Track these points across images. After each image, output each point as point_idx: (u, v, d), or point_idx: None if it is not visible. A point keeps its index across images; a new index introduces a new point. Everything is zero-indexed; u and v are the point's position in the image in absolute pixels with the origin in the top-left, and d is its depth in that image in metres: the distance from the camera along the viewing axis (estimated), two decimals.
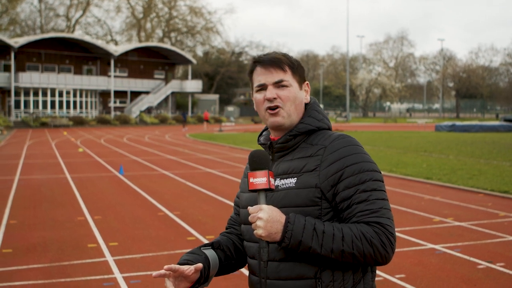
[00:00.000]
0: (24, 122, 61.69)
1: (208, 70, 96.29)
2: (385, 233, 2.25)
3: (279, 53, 2.48)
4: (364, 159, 2.33)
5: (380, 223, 2.25)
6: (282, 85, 2.42)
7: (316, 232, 2.22)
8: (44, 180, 16.22)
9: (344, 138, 2.37)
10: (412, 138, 37.22)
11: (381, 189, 2.32)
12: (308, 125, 2.43)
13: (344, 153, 2.32)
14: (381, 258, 2.26)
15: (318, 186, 2.29)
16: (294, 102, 2.43)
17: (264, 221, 2.22)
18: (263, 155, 2.32)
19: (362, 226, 2.24)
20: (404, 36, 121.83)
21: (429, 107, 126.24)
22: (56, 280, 6.86)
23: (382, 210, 2.28)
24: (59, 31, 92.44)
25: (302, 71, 2.51)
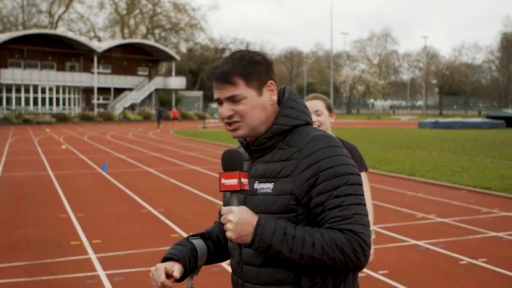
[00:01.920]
0: (6, 119, 61.22)
1: (192, 67, 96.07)
2: (357, 240, 2.16)
3: (230, 62, 2.33)
4: (340, 162, 2.23)
5: (353, 231, 2.17)
6: (235, 100, 2.30)
7: (287, 237, 2.17)
8: (26, 177, 16.12)
9: (320, 139, 2.27)
10: (395, 135, 37.40)
11: (356, 193, 2.22)
12: (283, 125, 2.34)
13: (319, 157, 2.22)
14: (352, 265, 2.18)
15: (293, 192, 2.23)
16: (254, 111, 2.31)
17: (234, 224, 2.19)
18: (235, 155, 2.28)
19: (335, 233, 2.17)
20: (388, 33, 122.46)
21: (412, 104, 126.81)
22: (39, 278, 6.83)
23: (356, 216, 2.19)
24: (42, 27, 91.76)
25: (260, 73, 2.34)
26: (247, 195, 2.37)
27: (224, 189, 2.24)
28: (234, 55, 2.36)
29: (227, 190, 2.24)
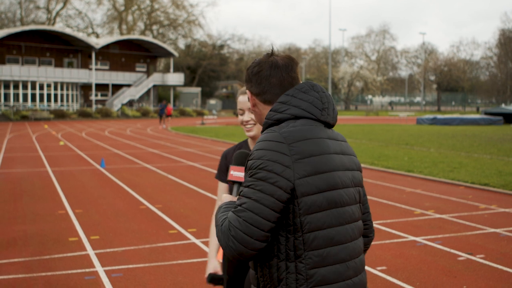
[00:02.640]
0: (4, 115, 61.15)
1: (190, 63, 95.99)
2: (226, 230, 2.28)
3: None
4: (260, 156, 2.32)
5: (228, 219, 2.30)
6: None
7: (216, 219, 2.42)
8: (24, 174, 16.11)
9: (264, 133, 2.42)
10: (393, 131, 37.41)
11: (254, 188, 2.29)
12: (268, 119, 2.51)
13: (253, 149, 2.38)
14: (226, 252, 2.31)
15: None
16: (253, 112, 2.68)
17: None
18: (245, 154, 2.71)
19: (226, 219, 2.34)
20: (386, 30, 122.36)
21: (410, 100, 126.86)
22: (37, 274, 6.82)
23: (238, 208, 2.29)
24: (40, 23, 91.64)
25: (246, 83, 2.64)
26: None
27: (231, 179, 2.67)
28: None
29: (234, 180, 2.66)
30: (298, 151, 2.33)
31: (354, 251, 2.43)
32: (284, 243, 2.32)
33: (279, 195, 2.26)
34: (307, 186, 2.30)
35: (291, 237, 2.31)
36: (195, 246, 8.12)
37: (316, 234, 2.31)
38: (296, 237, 2.31)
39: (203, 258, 7.48)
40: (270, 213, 2.26)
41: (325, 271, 2.32)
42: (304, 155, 2.33)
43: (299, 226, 2.30)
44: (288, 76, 2.53)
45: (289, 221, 2.31)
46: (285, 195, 2.27)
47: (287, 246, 2.31)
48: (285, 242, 2.32)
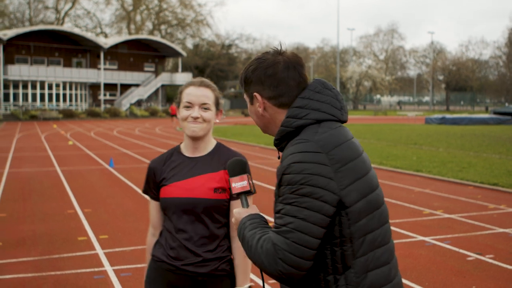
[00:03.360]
0: (14, 115, 61.37)
1: (198, 63, 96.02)
2: (272, 253, 2.12)
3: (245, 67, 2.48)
4: (299, 171, 2.15)
5: (272, 241, 2.13)
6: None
7: (242, 237, 2.29)
8: (33, 173, 16.16)
9: (296, 143, 2.24)
10: (402, 130, 37.33)
11: (299, 205, 2.13)
12: (285, 128, 2.32)
13: (287, 162, 2.19)
14: (273, 276, 2.16)
15: (275, 197, 2.28)
16: (253, 116, 2.49)
17: (234, 224, 2.44)
18: (239, 161, 2.55)
19: (266, 240, 2.17)
20: (394, 29, 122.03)
21: (419, 100, 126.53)
22: (46, 273, 6.85)
23: (283, 228, 2.13)
24: (48, 23, 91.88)
25: (250, 83, 2.41)
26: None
27: (236, 192, 2.47)
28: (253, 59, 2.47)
29: (240, 192, 2.46)
30: (338, 159, 2.19)
31: (392, 251, 2.36)
32: (330, 257, 2.20)
33: (326, 210, 2.14)
34: (352, 194, 2.19)
35: (338, 250, 2.20)
36: None
37: (363, 240, 2.22)
38: (344, 248, 2.20)
39: None
40: (318, 231, 2.13)
41: (373, 275, 2.24)
42: (343, 162, 2.20)
43: (348, 237, 2.19)
44: (303, 76, 2.38)
45: (335, 234, 2.19)
46: (332, 209, 2.15)
47: (334, 259, 2.20)
48: (330, 255, 2.20)
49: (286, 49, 2.41)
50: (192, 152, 3.25)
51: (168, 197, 3.14)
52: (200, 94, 3.20)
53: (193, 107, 3.16)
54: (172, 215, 3.14)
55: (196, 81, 3.27)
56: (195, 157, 3.23)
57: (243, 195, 2.46)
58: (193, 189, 3.11)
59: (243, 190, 2.45)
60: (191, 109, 3.16)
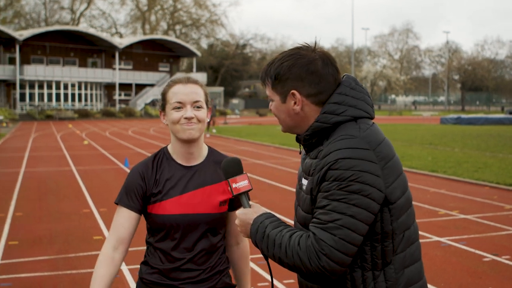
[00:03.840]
0: (29, 114, 61.78)
1: (212, 63, 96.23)
2: (315, 247, 2.09)
3: (271, 61, 2.36)
4: (348, 167, 2.11)
5: (316, 237, 2.11)
6: (270, 99, 2.40)
7: (264, 235, 2.24)
8: (49, 173, 16.26)
9: (342, 139, 2.19)
10: (417, 131, 37.19)
11: (348, 202, 2.09)
12: (322, 123, 2.25)
13: (333, 157, 2.14)
14: (311, 273, 2.14)
15: (312, 193, 2.23)
16: (280, 115, 2.36)
17: (239, 226, 2.39)
18: (235, 161, 2.53)
19: (303, 237, 2.14)
20: (409, 29, 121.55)
21: (434, 99, 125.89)
22: (62, 272, 6.89)
23: (330, 224, 2.09)
24: (64, 23, 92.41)
25: (286, 80, 2.30)
26: (299, 189, 2.41)
27: (237, 193, 2.43)
28: (281, 54, 2.36)
29: (241, 192, 2.42)
30: (382, 156, 2.18)
31: (421, 248, 2.37)
32: (370, 253, 2.20)
33: (373, 207, 2.12)
34: (395, 192, 2.19)
35: (378, 246, 2.19)
36: None
37: (402, 236, 2.23)
38: (385, 244, 2.20)
39: None
40: (364, 228, 2.12)
41: (409, 272, 2.26)
42: (386, 159, 2.19)
43: (389, 233, 2.19)
44: (338, 72, 2.34)
45: (376, 230, 2.18)
46: (377, 206, 2.14)
47: (374, 255, 2.20)
48: (370, 251, 2.20)
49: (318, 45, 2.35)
50: (187, 159, 2.85)
51: (167, 214, 2.74)
52: (190, 92, 2.81)
53: (185, 106, 2.77)
54: (173, 234, 2.76)
55: (182, 78, 2.90)
56: (192, 166, 2.84)
57: (244, 194, 2.43)
58: (196, 205, 2.76)
59: (246, 189, 2.42)
60: (183, 109, 2.77)
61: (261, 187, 13.39)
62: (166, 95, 2.83)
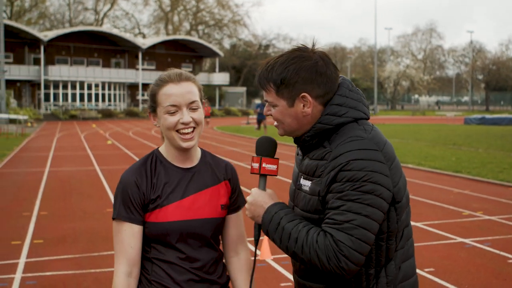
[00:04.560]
0: (54, 114, 62.33)
1: (235, 63, 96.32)
2: (333, 248, 2.11)
3: (271, 66, 2.31)
4: (361, 167, 2.14)
5: (333, 237, 2.12)
6: (270, 104, 2.37)
7: (279, 227, 2.25)
8: (73, 172, 16.39)
9: (352, 140, 2.21)
10: (440, 131, 36.93)
11: (362, 202, 2.12)
12: (325, 125, 2.27)
13: (344, 159, 2.17)
14: (327, 271, 2.15)
15: (320, 194, 2.24)
16: (285, 119, 2.34)
17: (249, 204, 2.39)
18: (274, 143, 2.46)
19: (320, 235, 2.15)
20: (433, 28, 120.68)
21: (458, 100, 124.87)
22: (86, 271, 6.94)
23: (345, 224, 2.11)
24: (88, 24, 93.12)
25: (294, 84, 2.26)
26: (296, 189, 2.43)
27: (264, 173, 2.43)
28: (280, 58, 2.32)
29: (266, 174, 2.43)
30: (388, 156, 2.22)
31: (414, 244, 2.44)
32: (375, 251, 2.24)
33: (384, 207, 2.17)
34: (400, 191, 2.25)
35: (384, 244, 2.24)
36: None
37: (402, 233, 2.30)
38: (389, 243, 2.25)
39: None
40: (377, 227, 2.17)
41: (405, 266, 2.32)
42: (391, 159, 2.24)
43: (394, 231, 2.25)
44: (338, 70, 2.35)
45: (383, 229, 2.22)
46: (387, 206, 2.19)
47: (378, 253, 2.25)
48: (375, 250, 2.24)
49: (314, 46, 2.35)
50: (183, 161, 2.58)
51: (169, 221, 2.46)
52: (185, 92, 2.49)
53: (180, 109, 2.47)
54: (176, 243, 2.47)
55: (172, 75, 2.53)
56: (189, 168, 2.59)
57: (265, 177, 2.44)
58: (198, 209, 2.52)
59: (272, 173, 2.42)
60: (178, 113, 2.47)
61: (283, 187, 13.38)
62: (156, 97, 2.53)
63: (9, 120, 44.60)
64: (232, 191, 2.74)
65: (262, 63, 2.37)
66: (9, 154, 21.75)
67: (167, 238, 2.46)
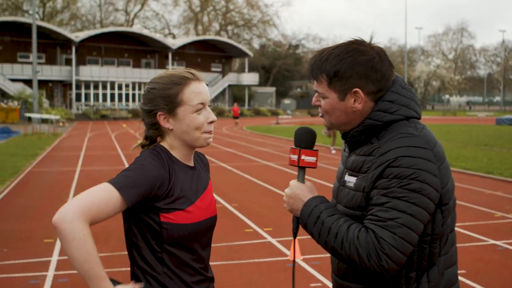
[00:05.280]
0: (85, 114, 62.99)
1: (264, 63, 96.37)
2: (375, 245, 2.07)
3: (325, 56, 2.26)
4: (410, 165, 2.09)
5: (376, 234, 2.08)
6: (320, 95, 2.32)
7: (318, 220, 2.21)
8: (104, 172, 16.53)
9: (401, 137, 2.16)
10: (472, 131, 36.54)
11: (408, 200, 2.07)
12: (375, 121, 2.23)
13: (392, 155, 2.12)
14: (367, 268, 2.11)
15: (365, 190, 2.20)
16: (334, 112, 2.29)
17: (287, 197, 2.35)
18: (314, 134, 2.41)
19: (361, 231, 2.11)
20: (464, 28, 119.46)
21: (489, 100, 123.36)
22: (118, 269, 6.99)
23: (389, 222, 2.07)
24: (118, 25, 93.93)
25: (348, 78, 2.22)
26: (339, 186, 2.39)
27: (303, 165, 2.38)
28: (336, 49, 2.27)
29: (305, 166, 2.38)
30: (438, 157, 2.18)
31: (457, 251, 2.38)
32: (417, 254, 2.19)
33: (430, 208, 2.13)
34: (448, 193, 2.22)
35: (427, 247, 2.19)
36: (271, 245, 8.14)
37: (447, 237, 2.26)
38: (433, 246, 2.20)
39: (279, 257, 7.50)
40: (421, 228, 2.12)
41: (448, 273, 2.27)
42: (441, 160, 2.20)
43: (439, 234, 2.20)
44: (393, 67, 2.31)
45: (427, 231, 2.18)
46: (433, 207, 2.15)
47: (421, 256, 2.20)
48: (418, 252, 2.19)
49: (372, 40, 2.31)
50: (189, 161, 2.53)
51: (191, 222, 2.37)
52: (207, 90, 2.46)
53: (205, 108, 2.41)
54: (194, 244, 2.43)
55: (194, 73, 2.44)
56: (194, 166, 2.55)
57: (304, 169, 2.39)
58: (208, 207, 2.49)
59: (311, 166, 2.38)
60: (203, 112, 2.41)
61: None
62: (179, 96, 2.38)
63: (41, 120, 45.18)
64: None
65: (316, 53, 2.32)
66: (41, 154, 22.03)
67: (188, 239, 2.39)
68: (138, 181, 2.25)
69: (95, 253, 2.16)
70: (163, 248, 2.36)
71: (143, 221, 2.36)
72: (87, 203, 2.18)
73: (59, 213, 2.11)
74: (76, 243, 2.11)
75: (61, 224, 2.10)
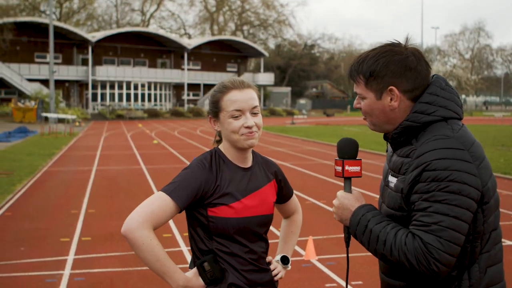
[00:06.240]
0: (101, 114, 63.28)
1: (280, 63, 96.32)
2: (422, 250, 2.10)
3: (363, 59, 2.35)
4: (446, 167, 2.12)
5: (422, 239, 2.11)
6: (360, 96, 2.40)
7: (367, 229, 2.26)
8: (120, 171, 16.60)
9: (437, 138, 2.20)
10: (488, 132, 36.29)
11: (450, 203, 2.10)
12: (412, 122, 2.28)
13: (428, 158, 2.16)
14: (416, 272, 2.15)
15: (403, 192, 2.24)
16: (373, 112, 2.36)
17: (335, 208, 2.42)
18: (356, 144, 2.47)
19: (408, 237, 2.15)
20: (481, 27, 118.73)
21: (506, 100, 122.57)
22: (133, 269, 7.03)
23: (433, 226, 2.10)
24: (134, 25, 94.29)
25: (383, 77, 2.30)
26: (384, 185, 2.45)
27: (347, 175, 2.45)
28: (372, 52, 2.36)
29: (351, 176, 2.45)
30: (477, 156, 2.21)
31: (502, 250, 2.37)
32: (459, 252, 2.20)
33: (473, 207, 2.15)
34: (489, 191, 2.23)
35: (468, 246, 2.21)
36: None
37: (489, 236, 2.26)
38: (474, 245, 2.21)
39: (294, 257, 7.48)
40: (466, 227, 2.14)
41: (491, 271, 2.27)
42: (480, 159, 2.22)
43: (480, 233, 2.21)
44: (429, 67, 2.36)
45: (469, 230, 2.19)
46: (475, 206, 2.16)
47: (461, 254, 2.21)
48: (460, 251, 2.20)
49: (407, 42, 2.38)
50: (243, 162, 2.75)
51: (234, 217, 2.62)
52: (248, 98, 2.68)
53: (244, 114, 2.64)
54: (239, 237, 2.65)
55: (236, 82, 2.74)
56: (248, 167, 2.76)
57: (350, 179, 2.46)
58: (259, 206, 2.72)
59: (356, 175, 2.45)
60: (242, 117, 2.64)
61: (329, 187, 13.36)
62: (220, 103, 2.69)
63: (58, 119, 45.45)
64: (279, 188, 2.92)
65: (355, 57, 2.42)
66: (57, 153, 22.17)
67: (234, 232, 2.64)
68: (184, 184, 2.59)
69: (163, 253, 2.52)
70: (213, 239, 2.66)
71: (195, 217, 2.67)
72: (146, 211, 2.52)
73: (125, 225, 2.49)
74: (145, 248, 2.49)
75: (129, 234, 2.48)
